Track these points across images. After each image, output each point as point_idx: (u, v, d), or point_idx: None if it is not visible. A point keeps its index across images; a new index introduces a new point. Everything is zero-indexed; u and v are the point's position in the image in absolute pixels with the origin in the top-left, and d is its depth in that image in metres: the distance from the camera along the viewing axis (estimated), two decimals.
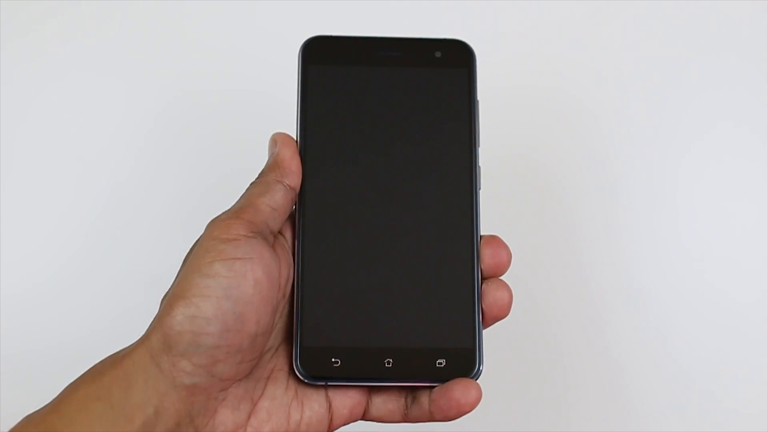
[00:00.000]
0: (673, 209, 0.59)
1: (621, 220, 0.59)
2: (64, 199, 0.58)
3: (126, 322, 0.39)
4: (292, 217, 0.37)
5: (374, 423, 0.37)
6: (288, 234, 0.37)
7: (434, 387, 0.36)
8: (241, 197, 0.35)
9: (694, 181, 0.59)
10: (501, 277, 0.37)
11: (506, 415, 0.56)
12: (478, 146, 0.38)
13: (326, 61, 0.38)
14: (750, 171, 0.60)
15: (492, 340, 0.39)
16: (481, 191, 0.38)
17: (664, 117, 0.60)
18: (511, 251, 0.37)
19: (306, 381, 0.35)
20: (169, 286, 0.34)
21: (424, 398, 0.36)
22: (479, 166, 0.38)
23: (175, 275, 0.34)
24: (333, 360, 0.35)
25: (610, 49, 0.61)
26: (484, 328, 0.37)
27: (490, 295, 0.36)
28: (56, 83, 0.60)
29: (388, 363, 0.36)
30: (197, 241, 0.34)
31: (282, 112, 0.42)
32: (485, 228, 0.38)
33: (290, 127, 0.38)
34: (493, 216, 0.41)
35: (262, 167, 0.37)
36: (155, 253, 0.57)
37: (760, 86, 0.60)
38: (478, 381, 0.36)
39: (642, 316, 0.58)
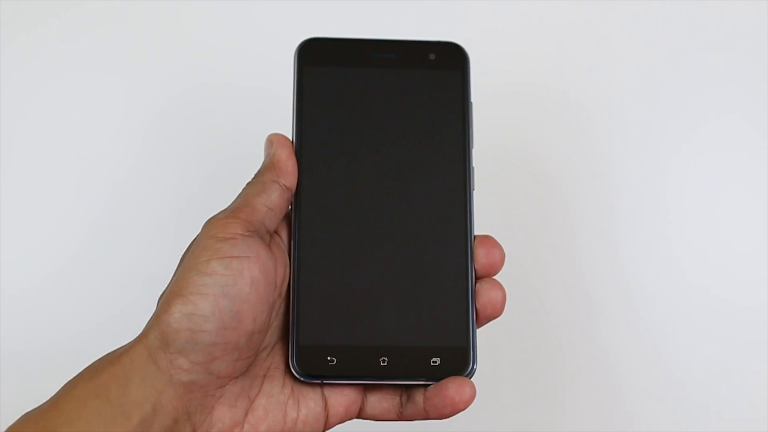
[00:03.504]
0: (667, 208, 0.59)
1: (616, 219, 0.59)
2: (63, 197, 0.58)
3: (124, 321, 0.40)
4: (287, 217, 0.38)
5: (370, 421, 0.38)
6: (284, 234, 0.37)
7: (429, 385, 0.36)
8: (237, 197, 0.36)
9: (690, 181, 0.59)
10: (494, 277, 0.38)
11: (500, 413, 0.56)
12: (472, 147, 0.39)
13: (322, 62, 0.39)
14: (746, 170, 0.59)
15: (486, 339, 0.40)
16: (474, 192, 0.38)
17: (660, 116, 0.60)
18: (505, 251, 0.38)
19: (302, 379, 0.36)
20: (166, 285, 0.34)
21: (418, 396, 0.36)
22: (473, 167, 0.38)
23: (173, 274, 0.34)
24: (328, 358, 0.36)
25: (604, 47, 0.61)
26: (478, 327, 0.37)
27: (484, 294, 0.37)
28: (56, 81, 0.60)
29: (383, 361, 0.36)
30: (194, 240, 0.34)
31: (279, 112, 0.42)
32: (479, 228, 0.38)
33: (287, 127, 0.38)
34: (486, 216, 0.42)
35: (259, 167, 0.37)
36: (154, 251, 0.57)
37: (755, 84, 0.60)
38: (472, 379, 0.36)
39: (636, 316, 0.58)
